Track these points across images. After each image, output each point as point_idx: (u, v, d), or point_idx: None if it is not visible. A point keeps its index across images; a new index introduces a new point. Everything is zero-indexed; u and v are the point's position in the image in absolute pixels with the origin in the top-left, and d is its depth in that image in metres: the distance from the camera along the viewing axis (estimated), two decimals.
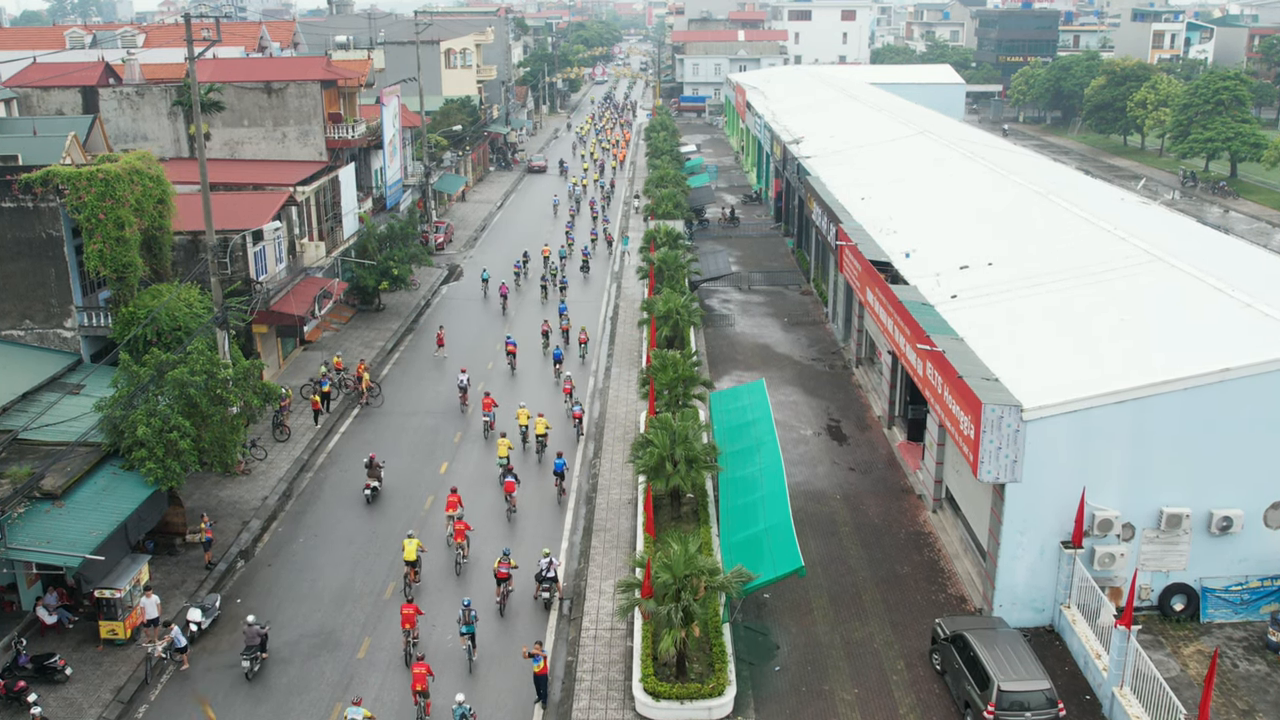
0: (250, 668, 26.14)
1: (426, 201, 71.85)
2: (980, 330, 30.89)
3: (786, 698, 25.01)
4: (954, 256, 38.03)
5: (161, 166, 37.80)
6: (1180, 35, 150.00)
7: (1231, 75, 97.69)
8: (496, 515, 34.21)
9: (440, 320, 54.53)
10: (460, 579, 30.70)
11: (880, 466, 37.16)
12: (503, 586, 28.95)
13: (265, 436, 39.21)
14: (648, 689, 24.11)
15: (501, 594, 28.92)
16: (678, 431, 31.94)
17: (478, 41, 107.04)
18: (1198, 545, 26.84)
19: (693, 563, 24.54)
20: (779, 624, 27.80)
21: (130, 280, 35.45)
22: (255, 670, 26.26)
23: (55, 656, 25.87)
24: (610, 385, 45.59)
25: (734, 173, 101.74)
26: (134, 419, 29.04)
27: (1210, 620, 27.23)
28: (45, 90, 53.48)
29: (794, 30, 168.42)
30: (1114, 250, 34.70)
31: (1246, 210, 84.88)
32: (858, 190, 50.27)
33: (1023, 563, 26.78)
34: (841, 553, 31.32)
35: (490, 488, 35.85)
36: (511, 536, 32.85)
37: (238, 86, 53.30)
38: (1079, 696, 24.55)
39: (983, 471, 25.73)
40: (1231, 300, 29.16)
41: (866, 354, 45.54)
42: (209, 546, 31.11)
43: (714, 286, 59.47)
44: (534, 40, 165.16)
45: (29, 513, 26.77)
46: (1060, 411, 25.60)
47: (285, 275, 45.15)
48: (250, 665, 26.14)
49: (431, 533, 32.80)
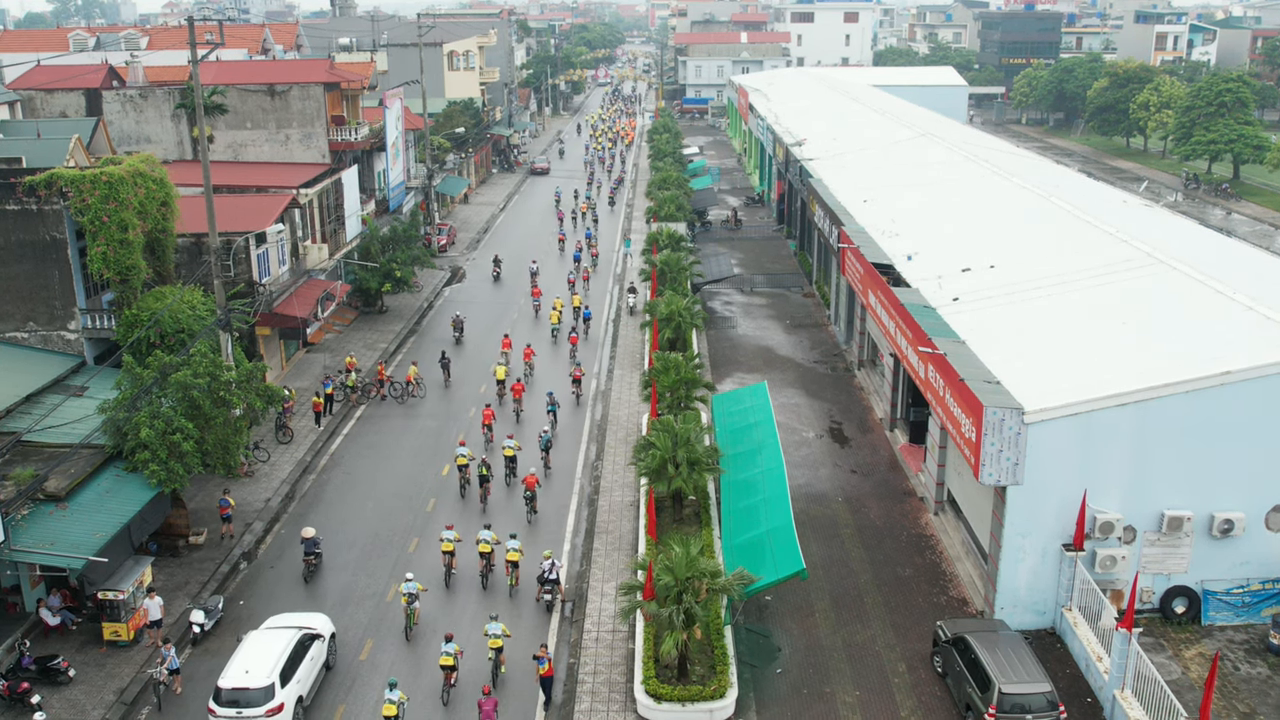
0: (307, 569, 30.64)
1: (429, 204, 71.93)
2: (982, 333, 30.92)
3: (788, 700, 25.05)
4: (956, 259, 38.07)
5: (165, 169, 37.93)
6: (1183, 37, 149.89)
7: (1234, 77, 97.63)
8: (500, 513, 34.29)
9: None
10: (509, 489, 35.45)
11: (882, 469, 37.19)
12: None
13: (268, 439, 39.27)
14: (649, 691, 24.14)
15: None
16: (680, 434, 31.96)
17: (480, 44, 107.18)
18: (1199, 548, 26.85)
19: (695, 565, 24.57)
20: (781, 626, 27.84)
21: (133, 283, 35.55)
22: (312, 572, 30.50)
23: (58, 658, 25.93)
24: (613, 387, 45.63)
25: (736, 175, 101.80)
26: (137, 421, 29.12)
27: (1211, 623, 27.23)
28: (49, 93, 53.62)
29: (796, 32, 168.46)
30: (1116, 253, 34.72)
31: (1249, 212, 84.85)
32: (860, 193, 50.31)
33: (1024, 565, 26.80)
34: (843, 555, 31.36)
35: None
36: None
37: (241, 89, 53.42)
38: (1080, 699, 24.57)
39: (984, 474, 25.76)
40: (1233, 303, 29.18)
41: (868, 356, 45.57)
42: (229, 520, 32.42)
43: (716, 289, 59.52)
44: (536, 42, 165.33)
45: (33, 514, 26.85)
46: (1062, 414, 25.63)
47: (288, 278, 45.25)
48: (306, 568, 30.67)
49: (431, 535, 32.83)
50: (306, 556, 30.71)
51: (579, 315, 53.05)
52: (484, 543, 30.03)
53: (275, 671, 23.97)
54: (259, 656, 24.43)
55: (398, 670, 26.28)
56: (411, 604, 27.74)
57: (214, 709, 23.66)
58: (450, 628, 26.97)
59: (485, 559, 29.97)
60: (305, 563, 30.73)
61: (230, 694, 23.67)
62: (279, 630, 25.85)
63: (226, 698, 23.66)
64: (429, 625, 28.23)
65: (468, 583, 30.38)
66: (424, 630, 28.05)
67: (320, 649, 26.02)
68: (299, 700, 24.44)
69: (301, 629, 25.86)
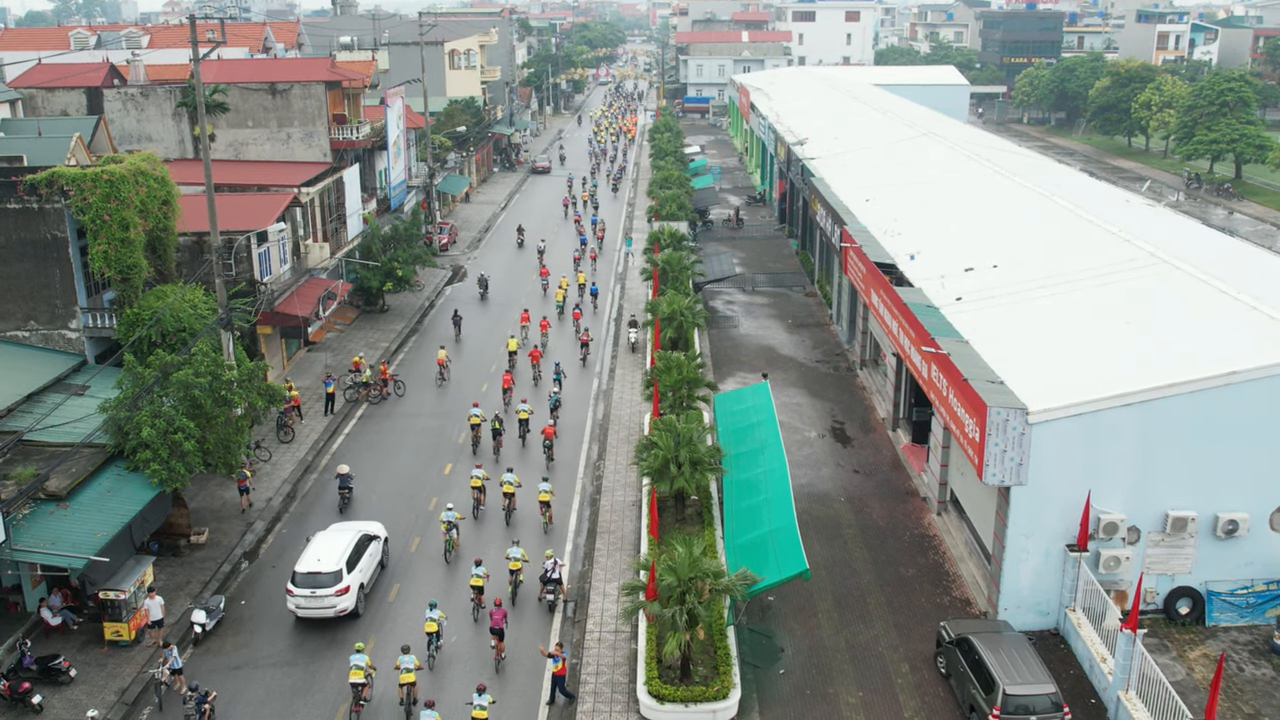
0: (342, 501, 34.21)
1: (430, 202, 71.83)
2: (985, 333, 30.82)
3: (791, 701, 24.98)
4: (959, 259, 37.98)
5: (166, 168, 37.84)
6: (1185, 36, 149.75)
7: (1236, 77, 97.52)
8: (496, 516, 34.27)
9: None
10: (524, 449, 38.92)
11: (884, 469, 37.11)
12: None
13: (269, 438, 39.21)
14: (652, 692, 24.08)
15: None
16: (682, 434, 31.89)
17: (482, 42, 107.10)
18: (1203, 548, 26.78)
19: (698, 566, 24.51)
20: (783, 627, 27.77)
21: (135, 281, 35.49)
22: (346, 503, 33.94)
23: (60, 658, 25.88)
24: (614, 387, 45.56)
25: (738, 174, 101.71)
26: (138, 420, 29.07)
27: (1216, 624, 27.17)
28: (50, 91, 53.53)
29: (798, 31, 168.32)
30: (1119, 252, 34.64)
31: (1251, 212, 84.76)
32: (862, 192, 50.22)
33: (1028, 566, 26.73)
34: (846, 555, 31.28)
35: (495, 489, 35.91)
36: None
37: (242, 87, 53.34)
38: (1084, 700, 24.50)
39: (988, 474, 25.68)
40: (1237, 303, 29.11)
41: (870, 356, 45.49)
42: (246, 492, 34.12)
43: (718, 288, 59.45)
44: (538, 41, 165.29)
45: (34, 514, 26.80)
46: (1066, 414, 25.56)
47: (289, 276, 45.18)
48: (341, 500, 34.22)
49: (431, 543, 32.78)
50: (341, 490, 34.70)
51: (584, 291, 58.02)
52: (508, 484, 33.79)
53: (342, 560, 28.49)
54: (328, 548, 28.96)
55: (436, 590, 29.67)
56: (450, 531, 31.58)
57: (291, 589, 28.11)
58: (478, 553, 30.84)
59: (508, 498, 33.79)
60: (340, 495, 34.61)
61: (305, 577, 28.03)
62: (343, 530, 30.48)
63: (302, 580, 28.06)
64: (466, 548, 32.27)
65: (494, 515, 34.30)
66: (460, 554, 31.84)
67: (376, 548, 30.66)
68: (360, 586, 28.94)
69: (360, 531, 30.29)
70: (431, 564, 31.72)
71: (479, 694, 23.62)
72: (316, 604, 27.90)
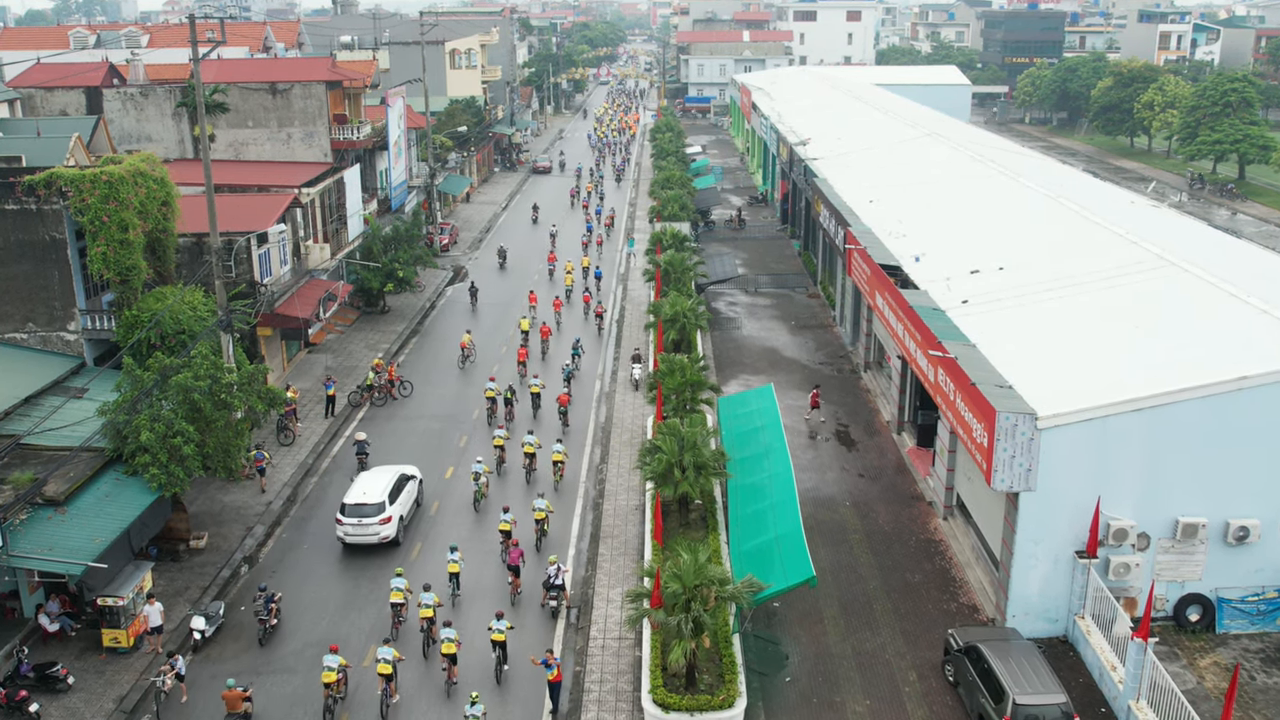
0: (360, 465, 36.30)
1: (431, 203, 71.57)
2: (992, 336, 30.52)
3: (797, 709, 24.69)
4: (964, 260, 37.68)
5: (165, 168, 37.54)
6: (1186, 37, 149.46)
7: (1239, 77, 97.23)
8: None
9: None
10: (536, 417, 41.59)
11: (890, 472, 36.82)
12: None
13: (270, 441, 38.91)
14: (657, 700, 23.75)
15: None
16: (686, 437, 31.56)
17: (482, 42, 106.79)
18: (1214, 555, 26.50)
19: (703, 572, 24.19)
20: (789, 634, 27.48)
21: (134, 283, 35.19)
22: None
23: (57, 665, 25.56)
24: (616, 390, 45.27)
25: (740, 174, 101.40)
26: (137, 424, 28.75)
27: (1226, 631, 26.87)
28: (49, 91, 53.24)
29: (799, 31, 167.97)
30: (1126, 254, 34.34)
31: (1254, 213, 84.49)
32: (865, 193, 49.91)
33: (1036, 572, 26.43)
34: (852, 560, 30.99)
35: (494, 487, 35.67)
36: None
37: (242, 87, 53.05)
38: (1094, 709, 24.21)
39: (997, 480, 25.40)
40: (1247, 306, 28.80)
41: (875, 358, 45.20)
42: (263, 473, 35.47)
43: (720, 289, 59.15)
44: (538, 40, 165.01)
45: (31, 519, 26.47)
46: (1076, 420, 25.27)
47: (290, 278, 44.89)
48: (359, 465, 36.36)
49: (434, 540, 32.48)
50: (359, 455, 36.89)
51: (589, 274, 61.38)
52: (528, 444, 36.51)
53: (385, 493, 32.07)
54: (372, 483, 32.57)
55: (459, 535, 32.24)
56: (478, 480, 34.49)
57: (340, 519, 31.67)
58: (502, 505, 33.12)
59: (529, 458, 36.48)
60: (359, 460, 36.80)
61: (353, 508, 31.60)
62: (383, 470, 34.08)
63: (350, 511, 31.62)
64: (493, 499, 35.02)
65: (515, 474, 37.10)
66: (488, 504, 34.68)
67: (414, 487, 34.08)
68: (400, 518, 32.39)
69: (400, 471, 33.75)
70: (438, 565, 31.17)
71: (498, 619, 26.02)
72: (362, 532, 31.48)
